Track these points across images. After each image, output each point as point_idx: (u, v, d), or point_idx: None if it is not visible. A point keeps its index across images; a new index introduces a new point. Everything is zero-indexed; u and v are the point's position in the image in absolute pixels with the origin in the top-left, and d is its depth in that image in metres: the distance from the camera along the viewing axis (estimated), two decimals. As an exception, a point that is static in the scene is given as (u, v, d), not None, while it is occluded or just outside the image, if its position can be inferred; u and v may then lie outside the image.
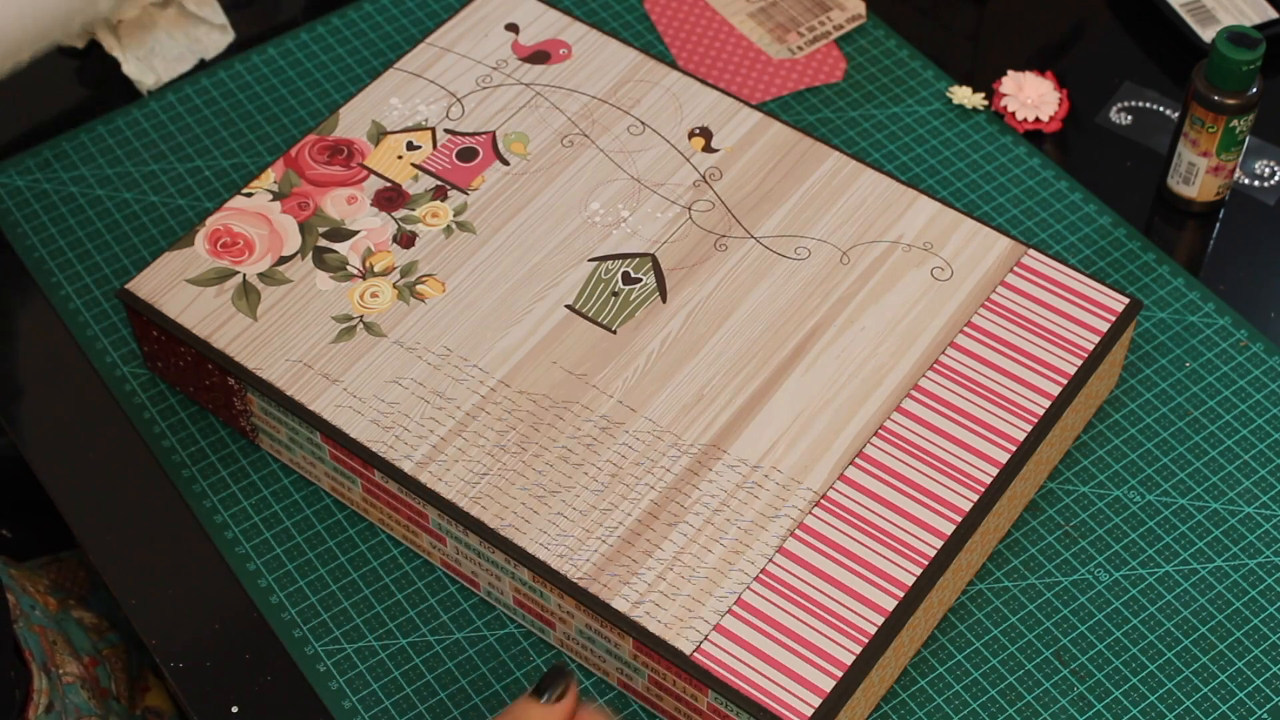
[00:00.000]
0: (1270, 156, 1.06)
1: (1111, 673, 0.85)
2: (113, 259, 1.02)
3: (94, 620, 0.99)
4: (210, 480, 0.92)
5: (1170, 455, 0.92)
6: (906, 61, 1.10)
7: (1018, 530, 0.90)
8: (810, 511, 0.83)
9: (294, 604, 0.88)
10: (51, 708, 0.88)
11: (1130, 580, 0.88)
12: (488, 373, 0.88)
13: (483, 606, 0.88)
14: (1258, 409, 0.94)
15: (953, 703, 0.84)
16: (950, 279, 0.91)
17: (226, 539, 0.90)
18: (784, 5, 1.08)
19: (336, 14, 1.14)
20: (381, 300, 0.91)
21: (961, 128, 1.07)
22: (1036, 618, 0.87)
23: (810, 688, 0.78)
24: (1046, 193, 1.03)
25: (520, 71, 1.01)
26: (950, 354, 0.89)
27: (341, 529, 0.90)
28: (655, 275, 0.92)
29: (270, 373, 0.88)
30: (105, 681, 0.95)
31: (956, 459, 0.85)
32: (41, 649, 0.91)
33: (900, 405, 0.87)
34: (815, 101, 1.08)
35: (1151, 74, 1.10)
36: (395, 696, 0.85)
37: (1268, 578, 0.88)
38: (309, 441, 0.88)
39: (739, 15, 1.11)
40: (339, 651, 0.86)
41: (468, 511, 0.84)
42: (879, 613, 0.80)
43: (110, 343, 0.98)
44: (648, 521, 0.83)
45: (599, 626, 0.82)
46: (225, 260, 0.93)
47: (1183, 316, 0.98)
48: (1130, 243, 1.01)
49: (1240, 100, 0.97)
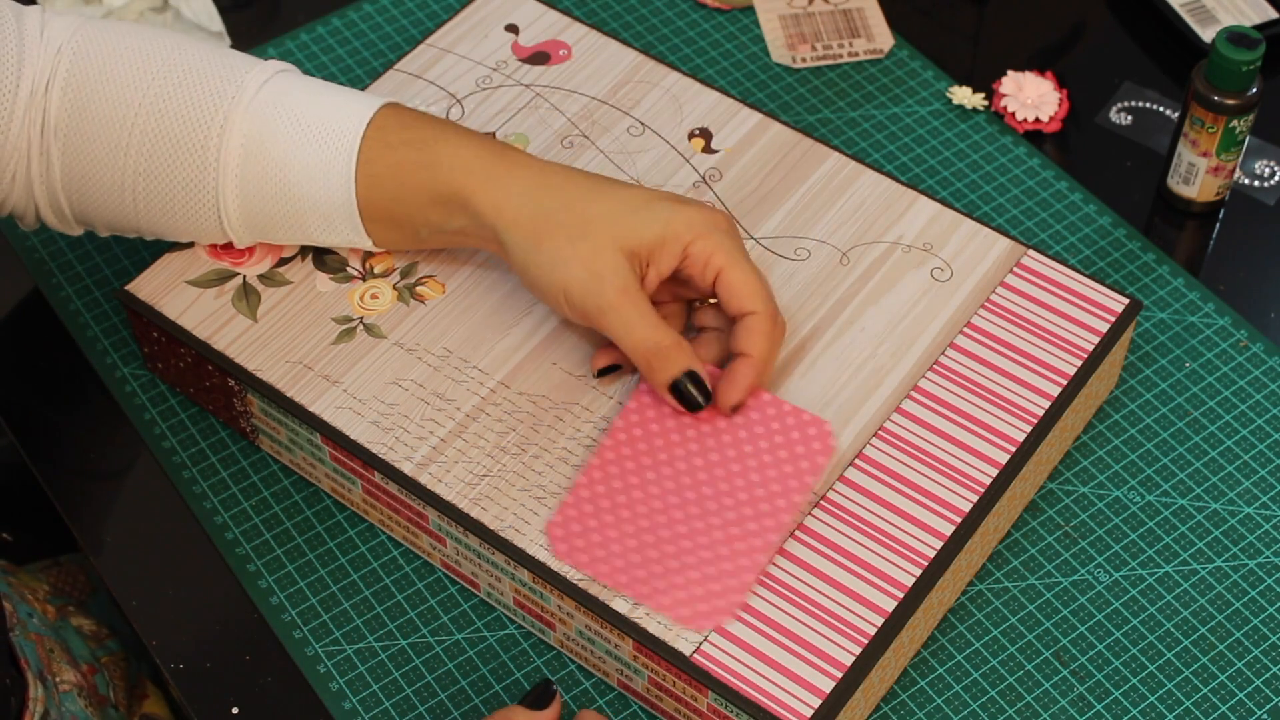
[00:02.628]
0: (1270, 156, 1.06)
1: (1111, 673, 0.85)
2: (113, 259, 1.02)
3: (93, 628, 0.99)
4: (210, 481, 0.92)
5: (1170, 456, 0.93)
6: (906, 61, 1.10)
7: (1017, 531, 0.90)
8: (810, 512, 0.83)
9: (294, 605, 0.88)
10: (47, 716, 0.88)
11: (1130, 581, 0.88)
12: (488, 374, 0.88)
13: (483, 607, 0.88)
14: (1258, 409, 0.94)
15: (953, 703, 0.84)
16: (950, 279, 0.91)
17: (227, 540, 0.90)
18: (817, 17, 1.08)
19: (336, 15, 1.14)
20: (381, 302, 0.91)
21: (961, 128, 1.07)
22: (1036, 618, 0.87)
23: (810, 689, 0.78)
24: (1046, 193, 1.03)
25: (520, 72, 1.01)
26: (950, 355, 0.89)
27: (342, 530, 0.91)
28: (655, 276, 0.92)
29: (270, 374, 0.88)
30: (103, 689, 0.95)
31: (956, 460, 0.85)
32: (38, 657, 0.91)
33: (900, 406, 0.87)
34: (815, 102, 1.08)
35: (1151, 74, 1.10)
36: (396, 697, 0.85)
37: (1267, 578, 0.88)
38: (309, 443, 0.88)
39: (770, 12, 1.11)
40: (339, 652, 0.86)
41: (468, 513, 0.84)
42: (879, 614, 0.80)
43: (110, 343, 0.98)
44: (648, 522, 0.83)
45: (599, 627, 0.82)
46: (225, 262, 0.93)
47: (1183, 316, 0.98)
48: (1130, 243, 1.01)
49: (1240, 100, 0.97)
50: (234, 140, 0.86)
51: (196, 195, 0.87)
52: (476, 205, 0.84)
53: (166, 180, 0.87)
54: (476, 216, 0.85)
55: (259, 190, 0.87)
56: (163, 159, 0.86)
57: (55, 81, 0.86)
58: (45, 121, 0.86)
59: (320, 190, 0.86)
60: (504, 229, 0.84)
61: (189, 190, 0.87)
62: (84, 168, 0.87)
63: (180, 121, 0.86)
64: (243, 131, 0.86)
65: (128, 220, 0.89)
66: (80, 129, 0.86)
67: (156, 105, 0.86)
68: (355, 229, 0.88)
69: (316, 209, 0.87)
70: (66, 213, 0.89)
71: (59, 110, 0.86)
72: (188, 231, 0.90)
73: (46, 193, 0.88)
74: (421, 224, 0.87)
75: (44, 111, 0.86)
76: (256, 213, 0.88)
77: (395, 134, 0.86)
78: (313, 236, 0.89)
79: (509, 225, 0.84)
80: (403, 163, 0.85)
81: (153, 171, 0.87)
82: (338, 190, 0.86)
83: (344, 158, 0.85)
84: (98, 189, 0.87)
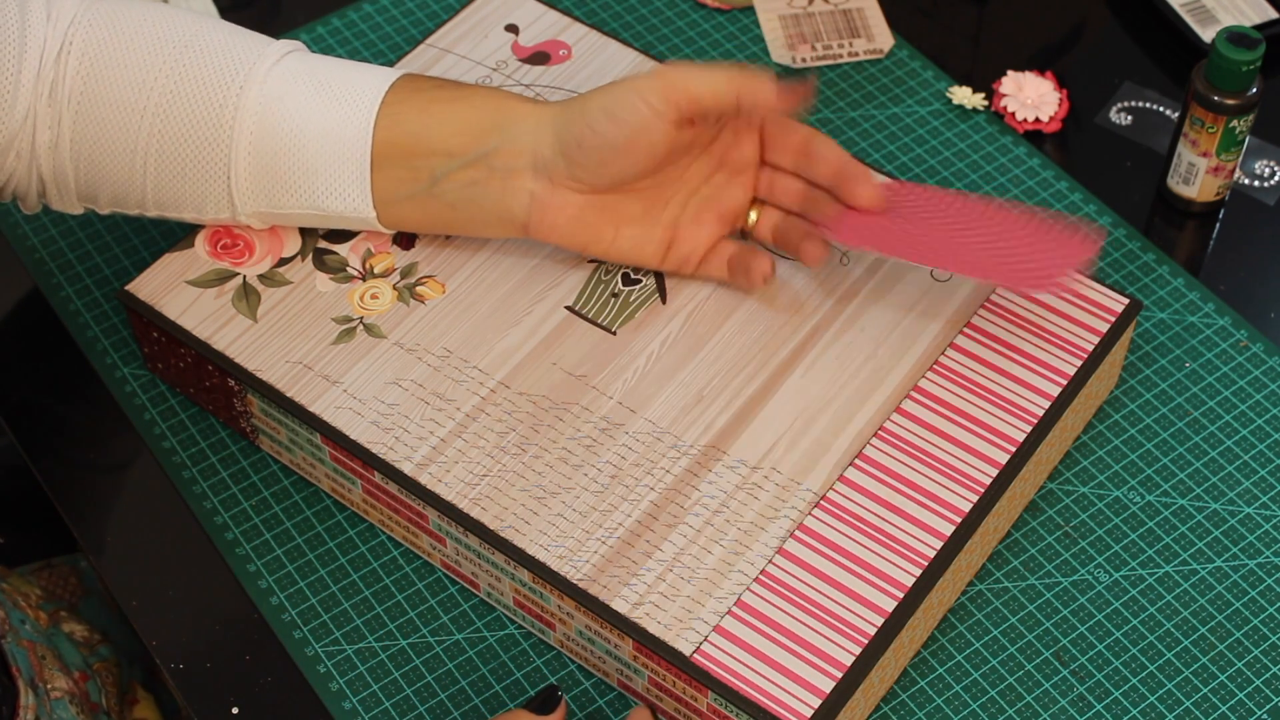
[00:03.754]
0: (1270, 156, 1.06)
1: (1111, 673, 0.85)
2: (113, 259, 1.02)
3: (85, 634, 0.98)
4: (211, 481, 0.92)
5: (1170, 456, 0.93)
6: (906, 61, 1.10)
7: (1017, 531, 0.90)
8: (810, 512, 0.84)
9: (294, 605, 0.88)
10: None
11: (1130, 581, 0.88)
12: (488, 374, 0.88)
13: (483, 607, 0.88)
14: (1258, 409, 0.94)
15: (953, 703, 0.84)
16: (950, 279, 0.91)
17: (227, 540, 0.90)
18: (818, 18, 1.08)
19: (336, 15, 1.14)
20: (381, 301, 0.91)
21: (961, 128, 1.07)
22: (1036, 618, 0.87)
23: (810, 689, 0.78)
24: (1046, 193, 1.03)
25: (520, 72, 1.01)
26: (950, 355, 0.89)
27: (342, 530, 0.91)
28: (655, 276, 0.92)
29: (270, 374, 0.88)
30: (95, 696, 0.95)
31: (956, 460, 0.85)
32: (29, 664, 0.90)
33: (900, 406, 0.87)
34: (815, 102, 1.08)
35: (1151, 74, 1.10)
36: (395, 698, 0.85)
37: (1267, 578, 0.88)
38: (309, 443, 0.88)
39: (770, 12, 1.11)
40: (339, 652, 0.86)
41: (468, 513, 0.84)
42: (879, 614, 0.80)
43: (110, 343, 0.98)
44: (647, 523, 0.83)
45: (599, 627, 0.82)
46: (225, 262, 0.93)
47: (1183, 317, 0.98)
48: (1130, 243, 1.01)
49: (1240, 100, 0.97)
50: (251, 101, 0.86)
51: (209, 157, 0.87)
52: (513, 113, 0.86)
53: (180, 142, 0.87)
54: (514, 125, 0.86)
55: (271, 146, 0.86)
56: (178, 122, 0.86)
57: (71, 49, 0.86)
58: (56, 90, 0.86)
59: (334, 140, 0.86)
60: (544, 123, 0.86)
61: (202, 152, 0.87)
62: (96, 133, 0.87)
63: (199, 84, 0.86)
64: (261, 91, 0.86)
65: (134, 191, 0.89)
66: (96, 94, 0.86)
67: (176, 70, 0.86)
68: (362, 184, 0.87)
69: (327, 160, 0.87)
70: (71, 186, 0.89)
71: (74, 77, 0.86)
72: (193, 201, 0.89)
73: (53, 164, 0.88)
74: (440, 160, 0.87)
75: (53, 82, 0.86)
76: (265, 172, 0.87)
77: (425, 84, 0.88)
78: (317, 202, 0.88)
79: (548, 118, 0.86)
80: (434, 99, 0.87)
81: (166, 134, 0.87)
82: (353, 131, 0.86)
83: (367, 103, 0.87)
84: (108, 156, 0.87)
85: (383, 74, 0.88)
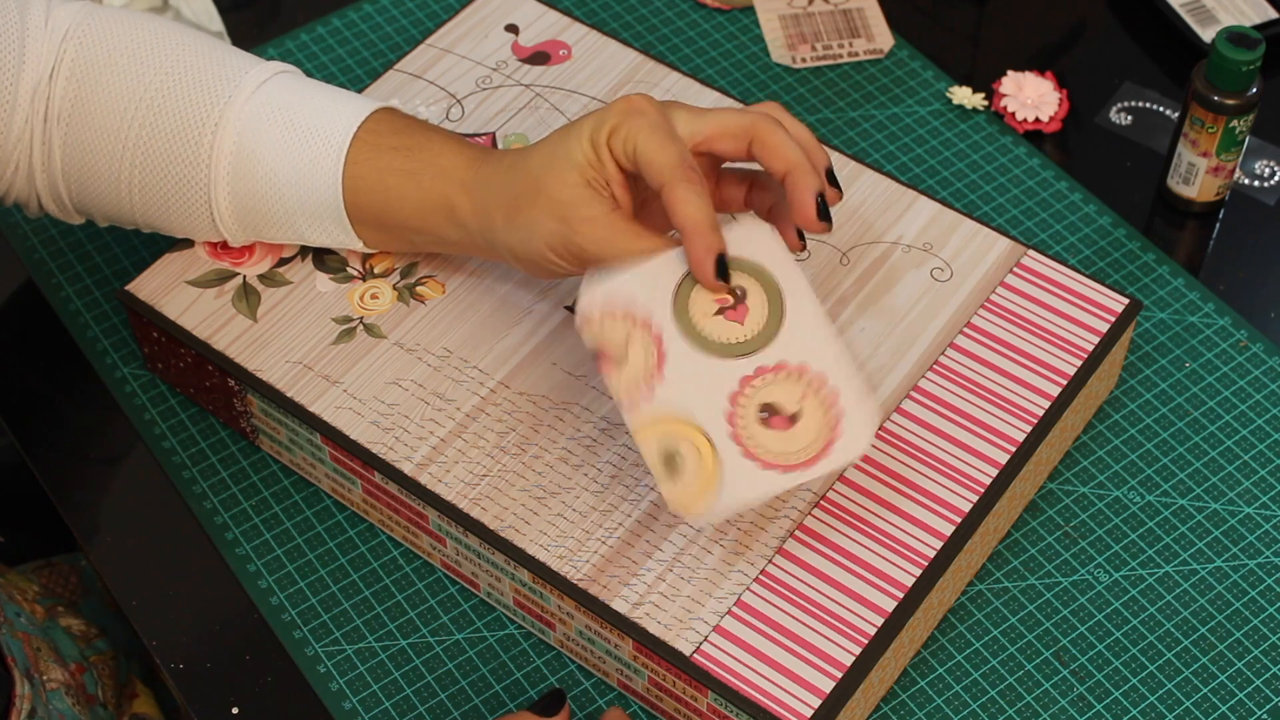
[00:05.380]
0: (1270, 156, 1.06)
1: (1111, 673, 0.85)
2: (113, 259, 1.02)
3: (82, 628, 0.98)
4: (211, 481, 0.92)
5: (1170, 456, 0.93)
6: (906, 61, 1.10)
7: (1017, 531, 0.90)
8: (810, 512, 0.84)
9: (294, 605, 0.88)
10: (34, 714, 0.88)
11: (1130, 581, 0.88)
12: (488, 374, 0.88)
13: (483, 607, 0.88)
14: (1258, 409, 0.94)
15: (953, 703, 0.84)
16: (950, 279, 0.91)
17: (227, 540, 0.90)
18: (817, 17, 1.08)
19: (336, 15, 1.14)
20: (381, 302, 0.91)
21: (961, 128, 1.07)
22: (1036, 618, 0.87)
23: (810, 689, 0.78)
24: (1046, 193, 1.03)
25: (520, 72, 1.01)
26: (950, 355, 0.89)
27: (342, 530, 0.91)
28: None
29: (270, 374, 0.88)
30: (92, 688, 0.95)
31: (956, 460, 0.85)
32: (25, 655, 0.91)
33: (900, 406, 0.87)
34: (815, 102, 1.08)
35: (1151, 74, 1.10)
36: (395, 697, 0.85)
37: (1267, 578, 0.88)
38: (309, 443, 0.88)
39: (770, 12, 1.11)
40: (339, 652, 0.86)
41: (468, 513, 0.84)
42: (879, 614, 0.80)
43: (110, 343, 0.98)
44: (647, 523, 0.83)
45: (599, 627, 0.82)
46: (225, 262, 0.93)
47: (1183, 317, 0.98)
48: (1130, 243, 1.01)
49: (1240, 100, 0.97)
50: (227, 139, 0.86)
51: (190, 192, 0.87)
52: (461, 215, 0.84)
53: (161, 176, 0.87)
54: (463, 225, 0.84)
55: (250, 190, 0.87)
56: (158, 154, 0.87)
57: (60, 69, 0.86)
58: (49, 110, 0.86)
59: (308, 192, 0.86)
60: (487, 230, 0.83)
61: (183, 187, 0.87)
62: (83, 158, 0.87)
63: (176, 118, 0.86)
64: (236, 130, 0.86)
65: (124, 213, 0.89)
66: (81, 119, 0.86)
67: (155, 100, 0.86)
68: (345, 231, 0.88)
69: (306, 210, 0.87)
70: (66, 202, 0.90)
71: (62, 98, 0.86)
72: (183, 228, 0.90)
73: (48, 181, 0.89)
74: (414, 232, 0.86)
75: (48, 100, 0.86)
76: (248, 211, 0.88)
77: (386, 138, 0.85)
78: (305, 236, 0.89)
79: (488, 226, 0.83)
80: (389, 169, 0.85)
81: (148, 166, 0.87)
82: (325, 192, 0.86)
83: (331, 161, 0.85)
84: (96, 180, 0.88)
85: (348, 116, 0.86)
